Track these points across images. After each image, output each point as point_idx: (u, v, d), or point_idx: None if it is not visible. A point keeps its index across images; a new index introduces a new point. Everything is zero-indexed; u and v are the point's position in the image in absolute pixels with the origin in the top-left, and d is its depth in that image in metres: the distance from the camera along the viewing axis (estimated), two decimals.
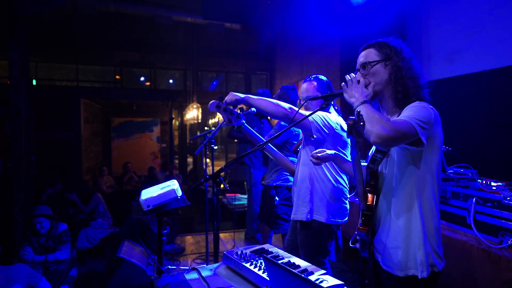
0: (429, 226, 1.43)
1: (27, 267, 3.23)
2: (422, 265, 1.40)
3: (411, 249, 1.43)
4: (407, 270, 1.43)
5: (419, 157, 1.42)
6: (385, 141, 1.30)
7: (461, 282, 2.09)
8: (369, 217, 1.52)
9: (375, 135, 1.30)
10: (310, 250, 2.28)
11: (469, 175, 2.47)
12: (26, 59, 5.03)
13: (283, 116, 2.04)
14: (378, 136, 1.30)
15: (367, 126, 1.33)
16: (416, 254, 1.41)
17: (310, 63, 6.71)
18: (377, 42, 1.56)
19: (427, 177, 1.43)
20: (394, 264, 1.47)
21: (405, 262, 1.44)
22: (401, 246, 1.45)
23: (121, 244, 3.56)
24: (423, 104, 1.42)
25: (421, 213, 1.42)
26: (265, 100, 2.09)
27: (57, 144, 8.16)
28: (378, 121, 1.32)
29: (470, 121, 3.52)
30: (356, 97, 1.45)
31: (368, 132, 1.33)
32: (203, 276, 1.68)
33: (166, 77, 11.27)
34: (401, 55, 1.50)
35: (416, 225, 1.42)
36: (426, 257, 1.41)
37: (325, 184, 2.24)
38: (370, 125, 1.32)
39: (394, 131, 1.30)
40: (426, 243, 1.42)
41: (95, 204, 5.50)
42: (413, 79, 1.48)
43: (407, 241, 1.43)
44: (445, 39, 3.92)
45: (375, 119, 1.33)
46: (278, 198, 3.60)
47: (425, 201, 1.43)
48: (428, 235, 1.43)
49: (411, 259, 1.42)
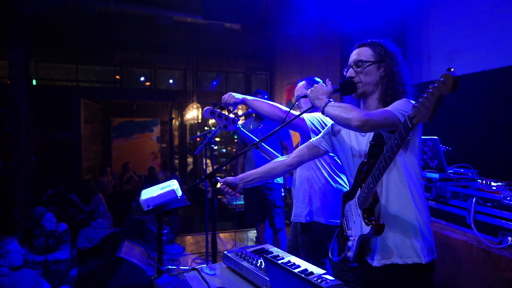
0: (423, 215, 1.45)
1: (33, 272, 3.23)
2: (423, 250, 1.41)
3: (409, 236, 1.42)
4: (406, 258, 1.42)
5: (405, 147, 1.44)
6: (367, 122, 1.31)
7: (461, 282, 2.09)
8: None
9: (355, 120, 1.33)
10: (311, 251, 2.28)
11: (469, 175, 2.46)
12: (26, 59, 5.03)
13: (278, 119, 2.05)
14: (358, 119, 1.32)
15: (343, 116, 1.38)
16: (416, 241, 1.42)
17: (310, 63, 6.70)
18: (373, 42, 1.57)
19: (414, 168, 1.46)
20: (392, 253, 1.45)
21: (404, 249, 1.43)
22: (398, 234, 1.44)
23: (121, 244, 3.57)
24: (405, 100, 1.45)
25: (414, 200, 1.44)
26: (262, 101, 2.10)
27: (57, 144, 8.15)
28: (350, 110, 1.37)
29: (470, 121, 3.52)
30: (320, 98, 1.54)
31: (347, 121, 1.37)
32: (203, 276, 1.68)
33: (166, 77, 11.26)
34: (396, 61, 1.52)
35: (411, 213, 1.43)
36: (427, 243, 1.43)
37: (323, 185, 2.24)
38: (346, 114, 1.37)
39: (372, 114, 1.33)
40: (422, 230, 1.43)
41: (96, 204, 5.49)
42: (403, 85, 1.51)
43: (404, 229, 1.43)
44: (445, 39, 3.92)
45: (346, 109, 1.39)
46: (273, 197, 3.64)
47: (415, 191, 1.45)
48: (424, 223, 1.45)
49: (410, 247, 1.42)
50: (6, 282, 3.00)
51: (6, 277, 3.03)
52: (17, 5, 4.26)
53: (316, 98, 1.55)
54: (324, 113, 1.50)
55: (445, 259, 2.18)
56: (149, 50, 9.52)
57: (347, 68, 1.58)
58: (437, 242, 2.24)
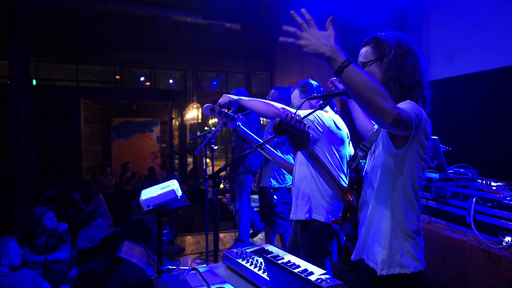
0: (400, 228, 1.39)
1: (33, 273, 3.23)
2: (383, 263, 1.38)
3: (377, 246, 1.42)
4: (373, 264, 1.43)
5: (399, 157, 1.36)
6: (390, 118, 1.10)
7: (461, 282, 2.09)
8: (347, 211, 1.55)
9: (376, 109, 1.09)
10: (310, 250, 2.28)
11: (469, 175, 2.46)
12: (26, 59, 5.03)
13: (275, 117, 2.04)
14: (381, 111, 1.09)
15: (378, 101, 1.09)
16: (380, 253, 1.39)
17: (310, 63, 6.70)
18: (373, 39, 1.50)
19: (403, 179, 1.37)
20: (367, 255, 1.47)
21: (373, 255, 1.44)
22: (370, 240, 1.45)
23: (121, 244, 3.56)
24: (414, 103, 1.36)
25: (392, 214, 1.39)
26: (257, 100, 2.10)
27: (57, 144, 8.16)
28: (385, 97, 1.10)
29: (470, 121, 3.52)
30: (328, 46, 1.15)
31: (365, 102, 1.11)
32: (203, 276, 1.68)
33: (166, 77, 11.27)
34: (396, 51, 1.41)
35: (385, 224, 1.40)
36: (390, 257, 1.38)
37: (323, 183, 2.24)
38: (376, 96, 1.09)
39: (400, 115, 1.12)
40: (392, 244, 1.38)
41: (96, 204, 5.49)
42: (411, 77, 1.40)
43: (375, 238, 1.43)
44: (445, 39, 3.92)
45: (379, 91, 1.10)
46: (277, 197, 3.61)
47: (397, 203, 1.38)
48: (397, 237, 1.38)
49: (377, 255, 1.41)
50: (5, 282, 3.00)
51: (6, 277, 3.03)
52: (17, 5, 4.26)
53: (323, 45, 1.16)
54: (341, 76, 1.13)
55: (445, 259, 2.18)
56: (149, 50, 9.52)
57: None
58: (437, 242, 2.24)
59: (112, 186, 8.20)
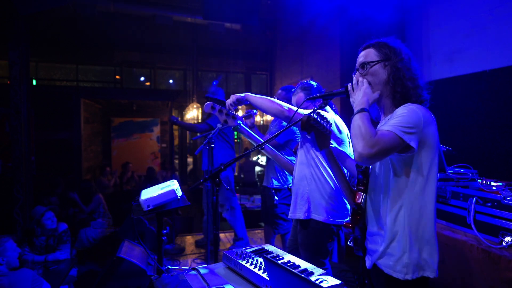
0: (418, 232, 1.39)
1: (32, 272, 3.23)
2: (407, 267, 1.37)
3: (396, 251, 1.40)
4: (389, 269, 1.42)
5: (410, 160, 1.38)
6: (367, 159, 1.29)
7: (461, 282, 2.09)
8: (357, 215, 1.53)
9: (357, 154, 1.31)
10: (310, 250, 2.28)
11: (469, 175, 2.47)
12: (26, 59, 5.03)
13: (280, 115, 2.06)
14: (359, 155, 1.30)
15: (352, 140, 1.35)
16: (402, 257, 1.38)
17: (310, 63, 6.71)
18: (377, 42, 1.55)
19: (418, 181, 1.38)
20: (381, 261, 1.45)
21: (389, 262, 1.42)
22: (386, 246, 1.43)
23: (121, 244, 3.56)
24: (410, 107, 1.38)
25: (408, 217, 1.38)
26: (264, 98, 2.12)
27: (57, 144, 8.16)
28: (362, 137, 1.31)
29: (470, 121, 3.52)
30: (356, 102, 1.45)
31: (353, 147, 1.35)
32: (203, 276, 1.68)
33: (166, 77, 11.26)
34: (400, 56, 1.48)
35: (402, 228, 1.39)
36: (412, 260, 1.37)
37: (322, 183, 2.24)
38: (355, 140, 1.33)
39: (376, 148, 1.28)
40: (412, 249, 1.38)
41: (96, 204, 5.49)
42: (412, 80, 1.46)
43: (392, 243, 1.41)
44: (445, 39, 3.92)
45: (359, 134, 1.32)
46: (278, 198, 3.60)
47: (413, 205, 1.39)
48: (415, 241, 1.38)
49: (396, 261, 1.39)
50: (5, 282, 2.99)
51: (5, 277, 3.03)
52: (17, 5, 4.25)
53: (362, 97, 1.45)
54: (353, 117, 1.42)
55: (445, 259, 2.18)
56: (149, 50, 9.53)
57: (354, 72, 1.57)
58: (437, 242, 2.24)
59: (112, 186, 8.20)
